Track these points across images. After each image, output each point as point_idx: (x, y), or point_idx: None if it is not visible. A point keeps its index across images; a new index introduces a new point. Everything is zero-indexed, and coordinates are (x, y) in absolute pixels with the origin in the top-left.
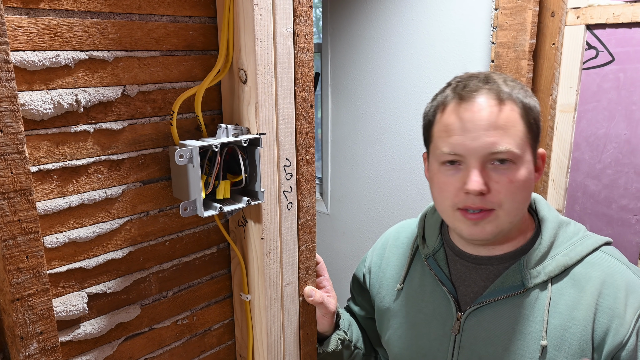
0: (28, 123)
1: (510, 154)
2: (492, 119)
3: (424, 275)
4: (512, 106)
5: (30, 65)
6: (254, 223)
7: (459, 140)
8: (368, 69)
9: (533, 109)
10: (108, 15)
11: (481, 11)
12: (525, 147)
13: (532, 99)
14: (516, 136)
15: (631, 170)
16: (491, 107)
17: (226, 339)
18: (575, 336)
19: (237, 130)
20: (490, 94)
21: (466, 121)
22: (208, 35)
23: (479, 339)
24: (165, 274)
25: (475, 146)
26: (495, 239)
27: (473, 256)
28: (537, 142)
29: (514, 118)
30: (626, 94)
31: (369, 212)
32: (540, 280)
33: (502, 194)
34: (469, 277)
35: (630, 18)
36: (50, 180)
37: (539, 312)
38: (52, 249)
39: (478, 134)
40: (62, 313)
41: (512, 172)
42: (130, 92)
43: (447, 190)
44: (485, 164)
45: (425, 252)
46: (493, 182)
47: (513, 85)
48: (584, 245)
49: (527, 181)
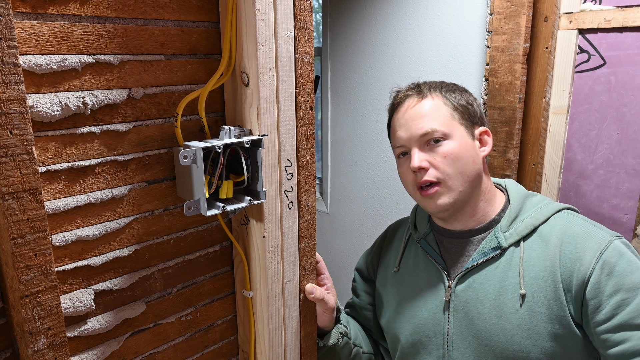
0: (36, 125)
1: (438, 132)
2: (417, 110)
3: (417, 256)
4: (432, 98)
5: (39, 68)
6: (256, 222)
7: (399, 134)
8: (367, 72)
9: (456, 97)
10: (114, 20)
11: (476, 16)
12: (452, 124)
13: (458, 92)
14: (440, 117)
15: (622, 171)
16: (414, 103)
17: (229, 334)
18: (548, 283)
19: (239, 131)
20: (412, 94)
21: (400, 119)
22: (211, 39)
23: (468, 301)
24: (169, 271)
25: (409, 134)
26: (457, 208)
27: (455, 232)
28: (473, 122)
29: (436, 105)
30: (617, 97)
31: (368, 211)
32: (514, 240)
33: (440, 166)
34: (455, 250)
35: (621, 23)
36: (58, 180)
37: (515, 267)
38: (60, 247)
39: (409, 125)
40: (70, 309)
41: (444, 147)
42: (135, 94)
43: (405, 176)
44: (423, 146)
45: (417, 235)
46: (432, 159)
47: (437, 85)
48: (549, 208)
49: (461, 152)
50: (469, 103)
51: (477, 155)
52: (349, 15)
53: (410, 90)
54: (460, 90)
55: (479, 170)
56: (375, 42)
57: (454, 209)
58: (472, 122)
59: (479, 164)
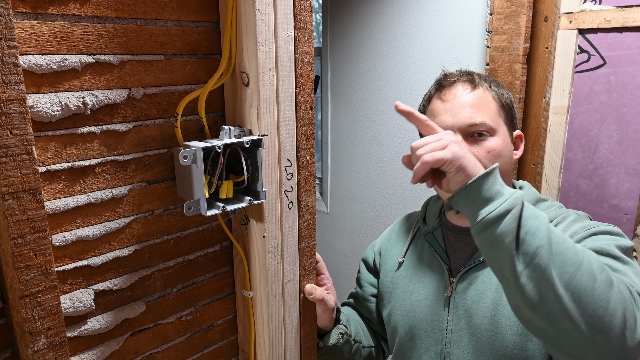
0: (36, 125)
1: (485, 126)
2: (467, 99)
3: (422, 250)
4: (484, 89)
5: (39, 68)
6: (256, 222)
7: (442, 119)
8: (367, 72)
9: (505, 95)
10: (114, 20)
11: (476, 16)
12: (498, 122)
13: (505, 90)
14: (489, 112)
15: (622, 171)
16: (465, 89)
17: (229, 334)
18: None
19: (239, 131)
20: (464, 81)
21: (446, 102)
22: (211, 39)
23: (469, 298)
24: (169, 271)
25: (455, 121)
26: None
27: (464, 228)
28: (513, 124)
29: (487, 98)
30: (617, 97)
31: (368, 211)
32: None
33: (482, 160)
34: (460, 247)
35: (621, 23)
36: (58, 180)
37: None
38: (60, 247)
39: (456, 111)
40: (70, 309)
41: (489, 142)
42: (135, 94)
43: None
44: (467, 137)
45: (425, 229)
46: (474, 151)
47: (486, 78)
48: (557, 212)
49: (503, 151)
50: (512, 103)
51: (512, 157)
52: (349, 15)
53: (462, 76)
54: (506, 89)
55: (510, 172)
56: (376, 41)
57: None
58: (512, 122)
59: (512, 165)
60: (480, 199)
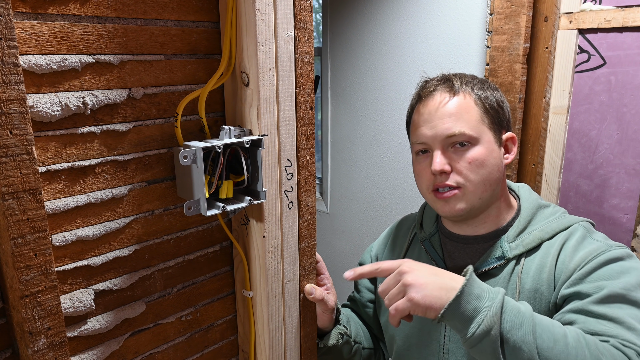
0: (36, 125)
1: (464, 136)
2: (446, 109)
3: (420, 257)
4: (465, 95)
5: (39, 68)
6: (256, 222)
7: (422, 130)
8: (367, 72)
9: (489, 97)
10: (114, 20)
11: (476, 16)
12: (481, 129)
13: (491, 91)
14: (470, 120)
15: (622, 171)
16: (444, 99)
17: (229, 334)
18: (543, 295)
19: (239, 131)
20: (443, 89)
21: (426, 114)
22: (211, 39)
23: None
24: (169, 271)
25: (434, 133)
26: (471, 214)
27: (461, 236)
28: (501, 126)
29: (467, 105)
30: (617, 97)
31: (368, 211)
32: (519, 252)
33: (463, 172)
34: (458, 255)
35: (621, 23)
36: (58, 180)
37: (514, 279)
38: (60, 246)
39: (435, 122)
40: (70, 309)
41: (471, 152)
42: (135, 94)
43: (422, 175)
44: (447, 148)
45: (422, 236)
46: (455, 163)
47: (469, 81)
48: (560, 222)
49: (487, 159)
50: (500, 105)
51: (501, 163)
52: (349, 16)
53: (440, 83)
54: (493, 89)
55: (501, 179)
56: (375, 42)
57: (469, 215)
58: (500, 126)
59: (501, 172)
60: (462, 319)
